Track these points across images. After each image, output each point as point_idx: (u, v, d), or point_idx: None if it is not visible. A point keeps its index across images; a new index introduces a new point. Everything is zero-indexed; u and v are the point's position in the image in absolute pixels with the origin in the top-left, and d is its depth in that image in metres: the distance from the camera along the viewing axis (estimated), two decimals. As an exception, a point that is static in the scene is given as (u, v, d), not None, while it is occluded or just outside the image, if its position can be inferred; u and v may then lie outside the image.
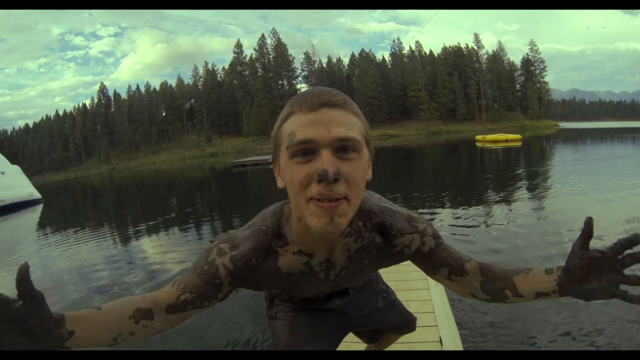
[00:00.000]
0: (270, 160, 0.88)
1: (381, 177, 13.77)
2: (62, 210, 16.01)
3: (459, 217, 6.94)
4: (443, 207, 8.15)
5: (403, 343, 2.26)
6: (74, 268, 5.41)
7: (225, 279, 0.86)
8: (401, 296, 2.62)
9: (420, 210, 7.66)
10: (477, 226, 6.37)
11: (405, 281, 3.29)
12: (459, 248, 2.73)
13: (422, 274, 2.74)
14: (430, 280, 3.18)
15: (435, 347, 2.31)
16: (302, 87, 76.97)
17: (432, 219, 6.98)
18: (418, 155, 27.11)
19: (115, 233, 8.01)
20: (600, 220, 5.84)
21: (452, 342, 2.34)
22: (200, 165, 40.13)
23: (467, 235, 5.72)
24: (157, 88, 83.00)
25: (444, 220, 6.88)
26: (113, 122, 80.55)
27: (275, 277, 0.91)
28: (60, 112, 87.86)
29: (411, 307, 2.56)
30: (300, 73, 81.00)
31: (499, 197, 9.12)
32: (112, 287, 4.38)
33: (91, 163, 79.54)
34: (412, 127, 67.73)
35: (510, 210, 7.48)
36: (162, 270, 4.99)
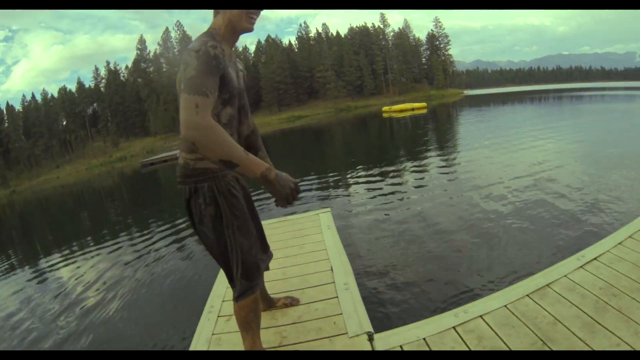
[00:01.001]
0: (177, 155, 1.70)
1: (292, 160, 13.94)
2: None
3: (376, 188, 7.31)
4: (359, 178, 8.63)
5: (299, 276, 2.93)
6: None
7: (222, 60, 1.48)
8: (298, 241, 3.67)
9: (335, 185, 8.28)
10: (395, 192, 6.87)
11: (301, 229, 3.99)
12: (380, 216, 5.72)
13: (317, 222, 4.17)
14: (323, 225, 3.95)
15: (328, 274, 2.88)
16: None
17: (349, 191, 7.54)
18: (327, 132, 28.05)
19: (25, 264, 7.04)
20: (506, 168, 7.59)
21: (343, 269, 2.91)
22: (109, 172, 37.75)
23: (387, 203, 6.21)
24: (56, 95, 75.32)
25: (361, 191, 7.26)
26: (8, 139, 72.33)
27: (225, 60, 1.52)
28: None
29: (306, 248, 3.49)
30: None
31: (411, 161, 9.90)
32: (37, 327, 3.91)
33: (-15, 189, 71.29)
34: (320, 106, 68.45)
35: (424, 171, 8.24)
36: (86, 291, 4.67)
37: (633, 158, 7.39)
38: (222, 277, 2.94)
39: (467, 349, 1.99)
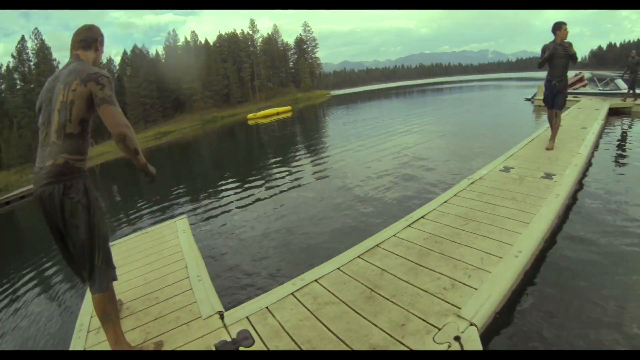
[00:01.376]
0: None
1: (161, 179, 11.98)
2: None
3: (234, 188, 7.79)
4: (222, 182, 8.94)
5: (158, 278, 3.06)
6: None
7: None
8: (157, 248, 3.76)
9: (199, 193, 8.34)
10: (252, 188, 7.37)
11: (160, 238, 4.14)
12: (237, 212, 6.29)
13: (174, 229, 4.38)
14: (179, 230, 4.21)
15: (183, 271, 3.10)
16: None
17: (212, 197, 7.65)
18: (194, 146, 26.99)
19: None
20: (377, 161, 7.92)
21: (196, 264, 3.17)
22: (-43, 219, 28.84)
23: (242, 199, 6.66)
24: None
25: (223, 195, 7.50)
26: None
27: None
28: None
29: (164, 253, 3.59)
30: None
31: (280, 164, 10.18)
32: None
33: None
34: (186, 120, 65.24)
35: (294, 173, 8.51)
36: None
37: (479, 134, 9.08)
38: (89, 295, 2.85)
39: (305, 308, 2.21)
